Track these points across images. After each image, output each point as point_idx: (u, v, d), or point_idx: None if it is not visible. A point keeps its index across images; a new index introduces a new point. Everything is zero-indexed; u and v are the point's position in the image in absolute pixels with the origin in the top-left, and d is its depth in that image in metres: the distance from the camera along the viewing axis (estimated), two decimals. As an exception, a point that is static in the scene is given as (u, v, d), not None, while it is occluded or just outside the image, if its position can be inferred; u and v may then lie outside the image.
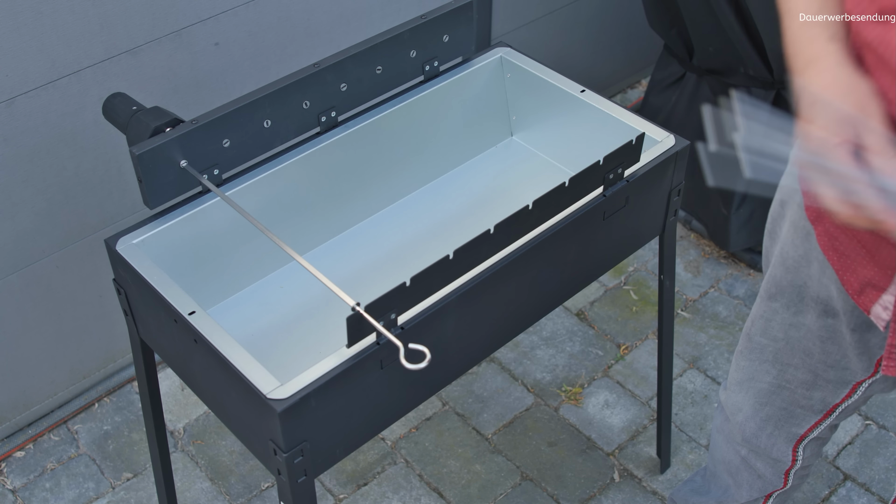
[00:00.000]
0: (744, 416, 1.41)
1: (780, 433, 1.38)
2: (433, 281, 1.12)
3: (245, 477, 1.95)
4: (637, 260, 2.41)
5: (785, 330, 1.27)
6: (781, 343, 1.29)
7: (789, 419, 1.36)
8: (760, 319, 1.31)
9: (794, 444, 1.39)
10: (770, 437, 1.39)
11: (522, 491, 1.92)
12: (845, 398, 1.28)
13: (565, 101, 1.56)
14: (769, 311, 1.29)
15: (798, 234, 1.19)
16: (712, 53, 2.15)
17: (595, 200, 1.31)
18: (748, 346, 1.35)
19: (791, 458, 1.41)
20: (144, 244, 1.29)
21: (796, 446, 1.39)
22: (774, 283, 1.26)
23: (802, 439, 1.38)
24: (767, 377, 1.34)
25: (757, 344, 1.33)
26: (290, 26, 1.91)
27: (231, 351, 1.12)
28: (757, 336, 1.33)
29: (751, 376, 1.37)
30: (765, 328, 1.31)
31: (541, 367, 2.15)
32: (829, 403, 1.30)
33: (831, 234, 1.09)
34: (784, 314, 1.26)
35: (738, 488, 1.53)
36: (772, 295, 1.27)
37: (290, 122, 1.37)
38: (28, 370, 1.94)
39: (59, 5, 1.57)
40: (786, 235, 1.22)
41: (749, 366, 1.36)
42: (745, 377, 1.38)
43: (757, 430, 1.40)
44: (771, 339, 1.30)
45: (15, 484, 1.93)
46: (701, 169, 0.93)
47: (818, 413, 1.32)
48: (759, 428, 1.39)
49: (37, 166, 1.71)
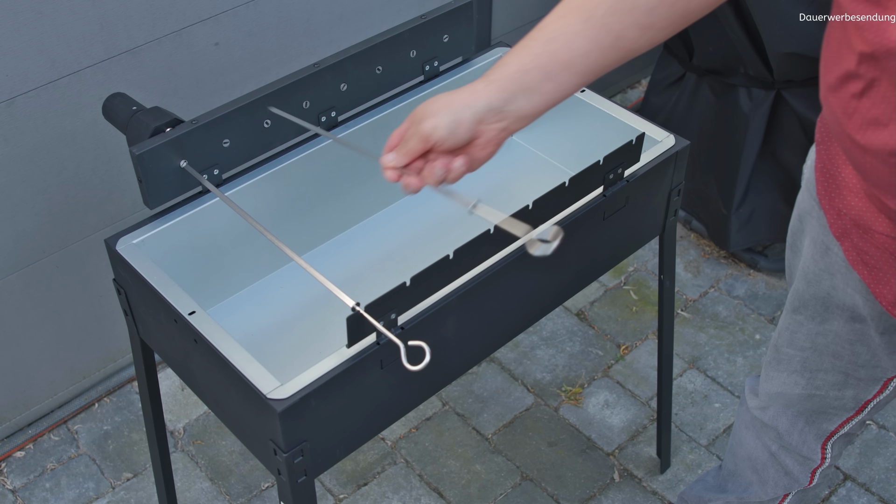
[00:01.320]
0: (774, 412, 1.41)
1: (811, 429, 1.38)
2: (433, 281, 1.12)
3: (245, 477, 1.95)
4: (637, 260, 2.41)
5: (812, 339, 1.27)
6: (809, 352, 1.29)
7: (821, 415, 1.36)
8: (786, 331, 1.31)
9: (824, 440, 1.39)
10: (801, 433, 1.39)
11: (522, 491, 1.92)
12: (877, 394, 1.28)
13: (565, 101, 1.55)
14: (794, 323, 1.29)
15: (818, 249, 1.18)
16: (712, 53, 2.15)
17: (595, 200, 1.31)
18: (776, 358, 1.36)
19: (820, 455, 1.41)
20: (144, 244, 1.29)
21: (825, 443, 1.39)
22: (798, 297, 1.26)
23: (832, 435, 1.38)
24: (797, 388, 1.34)
25: (784, 355, 1.33)
26: (290, 26, 1.91)
27: (231, 351, 1.12)
28: (784, 347, 1.33)
29: (780, 389, 1.37)
30: (791, 339, 1.31)
31: (541, 367, 2.15)
32: (862, 400, 1.30)
33: (860, 248, 1.08)
34: (809, 325, 1.26)
35: (762, 485, 1.53)
36: (796, 308, 1.27)
37: (290, 122, 1.37)
38: (28, 370, 1.94)
39: (59, 5, 1.57)
40: (807, 250, 1.21)
41: (778, 376, 1.36)
42: (774, 389, 1.38)
43: (789, 426, 1.40)
44: (798, 349, 1.30)
45: (15, 484, 1.93)
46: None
47: (850, 410, 1.33)
48: (791, 424, 1.40)
49: (37, 166, 1.71)
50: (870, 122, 0.89)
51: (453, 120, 1.01)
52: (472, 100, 1.01)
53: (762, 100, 2.14)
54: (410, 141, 1.04)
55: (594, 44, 0.99)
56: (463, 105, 1.01)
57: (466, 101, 1.01)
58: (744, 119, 2.17)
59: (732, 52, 2.09)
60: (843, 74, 0.92)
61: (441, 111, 1.01)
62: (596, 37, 0.99)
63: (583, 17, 0.99)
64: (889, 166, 0.90)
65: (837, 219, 1.10)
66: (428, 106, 1.02)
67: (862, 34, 0.86)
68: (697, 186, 2.35)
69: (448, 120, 1.01)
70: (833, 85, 0.95)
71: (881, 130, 0.88)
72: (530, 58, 1.00)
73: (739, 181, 2.24)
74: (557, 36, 0.99)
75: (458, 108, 1.01)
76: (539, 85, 1.01)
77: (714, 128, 2.26)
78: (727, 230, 2.31)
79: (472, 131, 1.02)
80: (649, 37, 1.00)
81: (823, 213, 1.14)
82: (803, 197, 1.21)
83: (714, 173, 2.29)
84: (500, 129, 1.03)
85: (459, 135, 1.02)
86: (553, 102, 1.03)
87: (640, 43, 1.00)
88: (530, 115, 1.03)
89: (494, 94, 1.01)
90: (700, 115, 2.29)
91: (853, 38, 0.89)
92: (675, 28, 1.01)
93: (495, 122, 1.02)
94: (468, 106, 1.01)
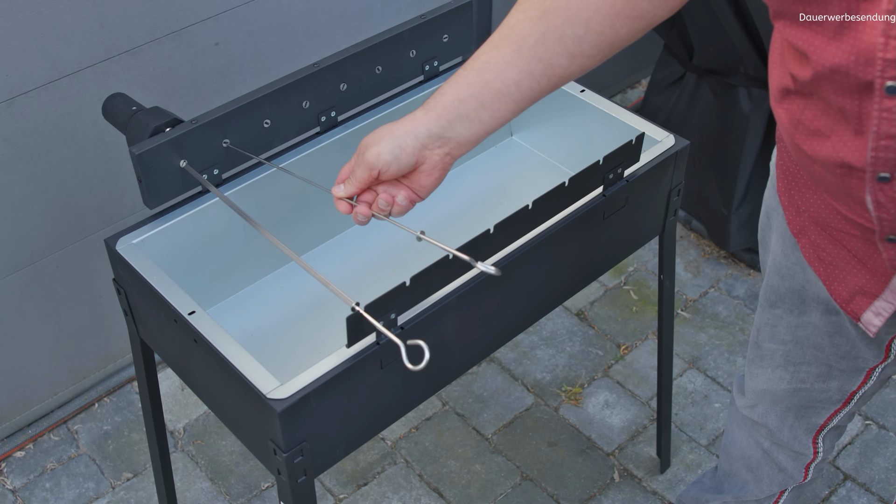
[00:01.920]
0: (763, 409, 1.41)
1: (800, 424, 1.39)
2: (433, 281, 1.12)
3: (245, 477, 1.95)
4: (637, 260, 2.41)
5: (792, 332, 1.28)
6: (790, 345, 1.29)
7: (809, 409, 1.36)
8: (766, 326, 1.32)
9: (815, 434, 1.39)
10: (791, 428, 1.40)
11: (522, 491, 1.92)
12: (862, 384, 1.28)
13: (565, 100, 1.56)
14: (773, 317, 1.29)
15: (786, 244, 1.20)
16: (712, 53, 2.15)
17: (595, 200, 1.31)
18: (758, 355, 1.36)
19: (812, 450, 1.42)
20: (144, 244, 1.29)
21: (816, 437, 1.40)
22: (773, 292, 1.27)
23: (822, 429, 1.38)
24: (782, 383, 1.34)
25: (767, 350, 1.33)
26: (290, 26, 1.91)
27: (231, 351, 1.12)
28: (765, 342, 1.33)
29: (766, 385, 1.37)
30: (772, 334, 1.31)
31: (541, 367, 2.15)
32: (847, 391, 1.30)
33: (816, 245, 1.10)
34: (788, 318, 1.27)
35: (757, 483, 1.53)
36: (773, 303, 1.28)
37: (290, 122, 1.37)
38: (28, 370, 1.94)
39: (59, 5, 1.57)
40: (775, 246, 1.23)
41: (762, 373, 1.37)
42: (760, 386, 1.39)
43: (779, 423, 1.41)
44: (780, 342, 1.31)
45: (15, 484, 1.93)
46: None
47: (837, 403, 1.33)
48: (781, 420, 1.40)
49: (37, 166, 1.71)
50: (813, 132, 0.91)
51: (396, 146, 1.05)
52: (413, 127, 1.05)
53: (762, 100, 2.14)
54: (357, 170, 1.08)
55: (525, 73, 1.02)
56: (403, 132, 1.05)
57: (407, 128, 1.05)
58: (744, 119, 2.17)
59: (732, 52, 2.09)
60: (784, 88, 0.94)
61: (383, 139, 1.05)
62: (527, 66, 1.02)
63: (514, 48, 1.02)
64: (836, 176, 0.92)
65: (796, 215, 1.12)
66: (371, 136, 1.07)
67: (795, 55, 0.88)
68: (697, 186, 2.35)
69: (390, 146, 1.05)
70: (778, 97, 0.97)
71: (824, 142, 0.90)
72: (465, 87, 1.04)
73: (739, 181, 2.24)
74: (490, 66, 1.03)
75: (399, 134, 1.05)
76: (475, 113, 1.04)
77: (714, 128, 2.26)
78: (727, 230, 2.31)
79: (416, 156, 1.06)
80: (580, 63, 1.03)
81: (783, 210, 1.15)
82: (769, 193, 1.23)
83: (714, 173, 2.29)
84: (444, 154, 1.07)
85: (403, 160, 1.05)
86: (492, 128, 1.07)
87: (570, 70, 1.04)
88: (471, 141, 1.07)
89: (433, 121, 1.05)
90: (700, 115, 2.29)
91: (788, 57, 0.91)
92: (604, 55, 1.04)
93: (437, 148, 1.06)
94: (408, 132, 1.05)
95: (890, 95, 0.78)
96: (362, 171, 1.07)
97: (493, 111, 1.04)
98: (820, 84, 0.85)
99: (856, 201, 0.92)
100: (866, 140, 0.83)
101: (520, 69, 1.02)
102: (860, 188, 0.89)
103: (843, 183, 0.91)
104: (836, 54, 0.80)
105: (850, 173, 0.89)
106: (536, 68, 1.02)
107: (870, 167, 0.85)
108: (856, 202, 0.92)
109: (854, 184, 0.89)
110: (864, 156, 0.85)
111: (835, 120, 0.87)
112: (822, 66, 0.83)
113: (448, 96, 1.04)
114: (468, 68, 1.04)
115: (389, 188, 1.10)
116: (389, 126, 1.07)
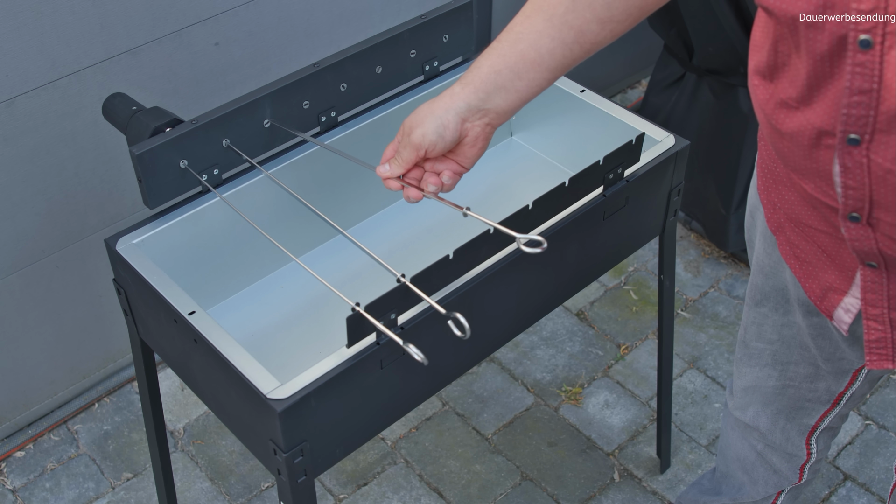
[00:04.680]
0: (754, 412, 1.41)
1: (792, 426, 1.39)
2: (433, 281, 1.12)
3: (245, 477, 1.95)
4: (637, 260, 2.41)
5: (778, 330, 1.28)
6: (777, 344, 1.30)
7: (799, 410, 1.36)
8: (753, 325, 1.32)
9: (807, 435, 1.39)
10: (783, 430, 1.40)
11: (522, 491, 1.93)
12: (849, 385, 1.29)
13: (565, 101, 1.56)
14: (759, 316, 1.30)
15: (767, 242, 1.21)
16: (712, 53, 2.15)
17: (595, 200, 1.31)
18: (746, 353, 1.36)
19: (806, 451, 1.42)
20: (144, 244, 1.29)
21: (809, 438, 1.40)
22: (758, 290, 1.28)
23: (814, 430, 1.38)
24: (770, 381, 1.34)
25: (754, 349, 1.34)
26: (290, 26, 1.91)
27: (231, 351, 1.12)
28: (752, 341, 1.33)
29: (754, 382, 1.37)
30: (758, 333, 1.32)
31: (541, 367, 2.15)
32: (835, 392, 1.30)
33: (792, 242, 1.11)
34: (774, 316, 1.27)
35: (753, 485, 1.53)
36: (758, 301, 1.29)
37: (290, 122, 1.37)
38: (28, 370, 1.94)
39: (59, 5, 1.57)
40: (759, 244, 1.24)
41: (750, 371, 1.37)
42: (748, 384, 1.39)
43: (770, 425, 1.41)
44: (766, 341, 1.31)
45: (15, 484, 1.93)
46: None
47: (826, 403, 1.33)
48: (772, 422, 1.40)
49: (37, 166, 1.71)
50: (783, 103, 0.91)
51: (439, 124, 1.08)
52: (452, 103, 1.08)
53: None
54: (403, 151, 1.11)
55: (558, 41, 1.05)
56: (444, 109, 1.08)
57: (447, 105, 1.08)
58: (743, 119, 2.17)
59: (732, 52, 2.09)
60: (761, 59, 0.95)
61: (426, 119, 1.08)
62: (559, 34, 1.05)
63: (545, 17, 1.05)
64: (804, 149, 0.91)
65: (773, 213, 1.12)
66: (413, 117, 1.10)
67: (768, 18, 0.89)
68: (696, 187, 2.35)
69: (434, 125, 1.08)
70: (753, 70, 0.98)
71: (794, 113, 0.90)
72: (500, 59, 1.07)
73: (739, 181, 2.24)
74: (524, 36, 1.06)
75: (440, 112, 1.08)
76: (511, 83, 1.07)
77: (714, 128, 2.26)
78: (726, 231, 2.31)
79: (459, 131, 1.09)
80: (610, 29, 1.06)
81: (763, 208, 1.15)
82: (752, 192, 1.23)
83: (713, 174, 2.29)
84: (484, 124, 1.10)
85: (447, 137, 1.09)
86: (529, 97, 1.10)
87: (601, 36, 1.06)
88: (509, 111, 1.10)
89: (471, 94, 1.07)
90: (700, 115, 2.29)
91: (767, 20, 0.91)
92: (634, 20, 1.07)
93: (478, 120, 1.09)
94: (449, 109, 1.08)
95: (863, 49, 0.78)
96: (409, 152, 1.10)
97: (528, 81, 1.07)
98: (796, 37, 0.84)
99: (822, 177, 0.91)
100: (839, 100, 0.83)
101: (552, 38, 1.05)
102: (828, 159, 0.88)
103: (812, 157, 0.90)
104: (811, 1, 0.79)
105: (818, 142, 0.88)
106: (568, 36, 1.05)
107: (840, 127, 0.83)
108: (822, 178, 0.91)
109: (822, 155, 0.88)
110: (835, 117, 0.84)
111: (807, 87, 0.86)
112: (790, 15, 0.81)
113: (484, 69, 1.07)
114: (502, 40, 1.07)
115: (436, 164, 1.13)
116: (429, 104, 1.09)
